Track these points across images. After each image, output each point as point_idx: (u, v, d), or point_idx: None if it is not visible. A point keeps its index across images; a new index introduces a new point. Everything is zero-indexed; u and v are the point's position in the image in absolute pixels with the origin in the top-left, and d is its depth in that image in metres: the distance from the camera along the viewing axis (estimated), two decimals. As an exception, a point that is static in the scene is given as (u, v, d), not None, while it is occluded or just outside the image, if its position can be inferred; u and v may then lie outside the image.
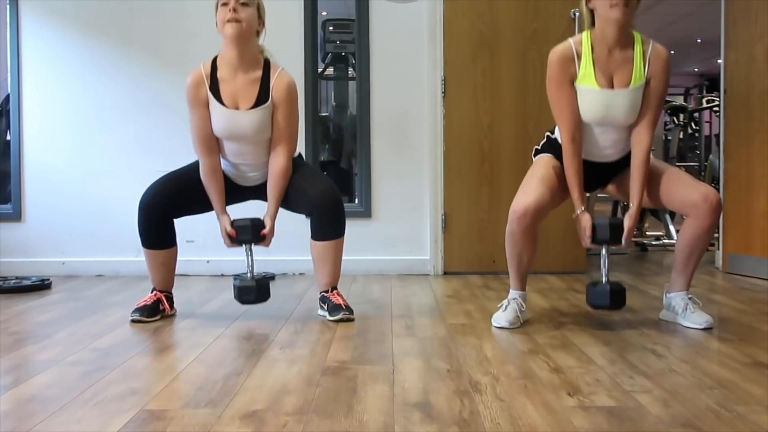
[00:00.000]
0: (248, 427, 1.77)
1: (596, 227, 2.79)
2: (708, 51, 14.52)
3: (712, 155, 6.56)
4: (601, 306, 2.83)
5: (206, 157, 3.02)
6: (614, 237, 2.79)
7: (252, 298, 3.03)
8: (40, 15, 4.47)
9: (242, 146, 3.03)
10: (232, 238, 3.03)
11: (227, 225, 3.02)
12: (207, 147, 3.01)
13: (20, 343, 2.69)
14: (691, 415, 1.84)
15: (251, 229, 3.00)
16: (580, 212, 2.82)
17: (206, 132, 3.00)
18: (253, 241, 3.02)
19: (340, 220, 3.07)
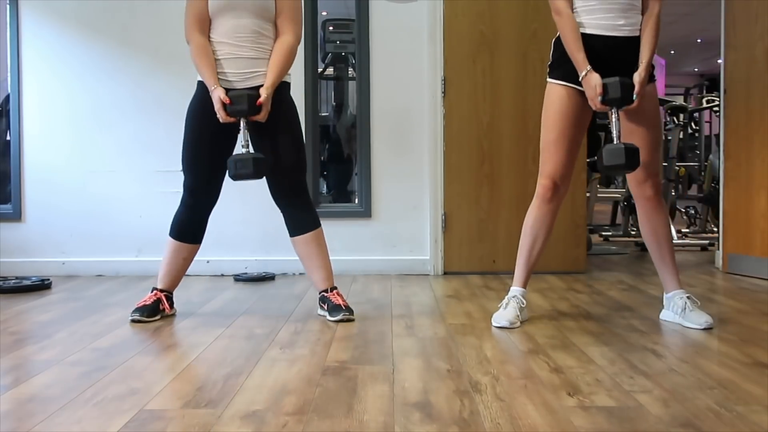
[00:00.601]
0: (248, 427, 1.77)
1: (606, 86, 2.73)
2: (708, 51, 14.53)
3: (712, 155, 6.56)
4: (617, 165, 2.76)
5: (198, 36, 2.98)
6: (625, 95, 2.73)
7: (247, 172, 2.90)
8: (40, 15, 4.47)
9: (241, 20, 2.97)
10: (226, 109, 2.91)
11: (222, 94, 2.91)
12: (200, 26, 2.98)
13: (20, 343, 2.69)
14: (691, 415, 1.84)
15: (247, 98, 2.89)
16: (587, 72, 2.76)
17: (202, 9, 2.97)
18: (249, 112, 2.91)
19: (309, 209, 3.09)
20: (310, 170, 4.33)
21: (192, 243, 3.14)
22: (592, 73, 2.75)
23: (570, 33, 2.79)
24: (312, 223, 3.10)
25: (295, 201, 3.10)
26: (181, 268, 3.15)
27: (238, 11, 2.97)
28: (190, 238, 3.13)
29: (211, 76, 2.95)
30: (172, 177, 4.00)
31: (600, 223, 7.33)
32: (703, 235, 6.30)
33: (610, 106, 2.77)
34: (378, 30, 4.46)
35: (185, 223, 3.12)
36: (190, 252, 3.15)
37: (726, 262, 4.44)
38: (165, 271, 3.14)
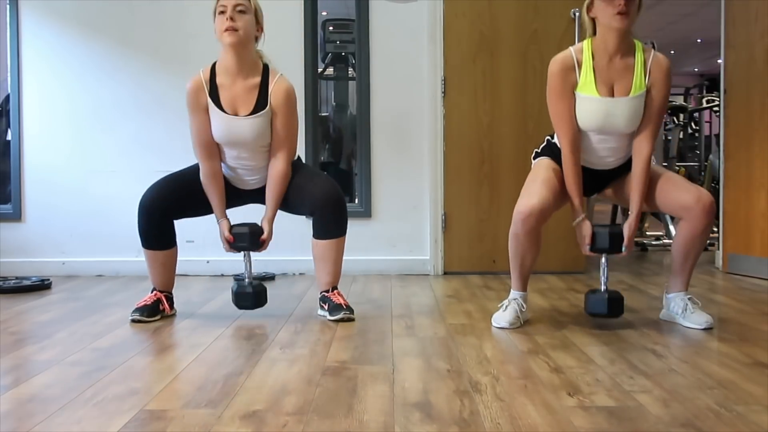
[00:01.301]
0: (248, 427, 1.77)
1: (596, 235, 2.80)
2: (708, 51, 14.52)
3: (712, 155, 6.56)
4: (599, 314, 2.84)
5: (207, 162, 3.02)
6: (614, 246, 2.80)
7: (248, 305, 3.06)
8: (40, 15, 4.47)
9: (241, 152, 3.03)
10: (230, 244, 3.03)
11: (226, 230, 3.03)
12: (207, 152, 3.01)
13: (20, 343, 2.69)
14: (691, 415, 1.84)
15: (248, 236, 3.01)
16: (580, 220, 2.83)
17: (206, 137, 3.00)
18: (251, 248, 3.04)
19: (343, 218, 3.08)
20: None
21: (163, 250, 3.11)
22: (585, 221, 2.82)
23: (572, 176, 2.82)
24: (339, 230, 3.08)
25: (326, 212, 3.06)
26: (166, 271, 3.14)
27: (240, 147, 3.03)
28: (158, 245, 3.11)
29: (219, 206, 3.06)
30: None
31: (600, 223, 7.32)
32: (703, 235, 6.28)
33: (598, 253, 2.83)
34: (378, 30, 4.46)
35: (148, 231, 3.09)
36: (167, 257, 3.13)
37: (726, 262, 4.44)
38: (152, 277, 3.14)
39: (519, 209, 2.79)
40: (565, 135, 2.80)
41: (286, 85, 3.03)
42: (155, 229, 3.07)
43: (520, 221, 2.78)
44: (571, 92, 2.79)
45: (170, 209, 3.06)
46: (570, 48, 2.84)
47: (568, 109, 2.79)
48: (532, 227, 2.78)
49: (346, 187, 5.95)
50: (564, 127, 2.81)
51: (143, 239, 3.10)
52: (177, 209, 3.08)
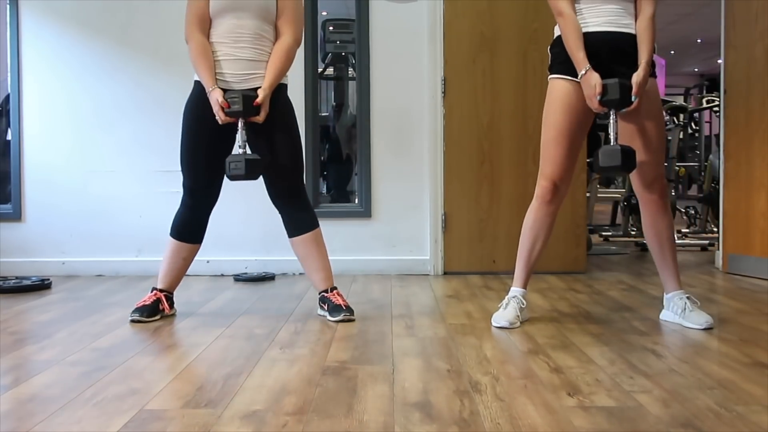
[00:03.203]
0: (248, 427, 1.77)
1: (606, 87, 2.72)
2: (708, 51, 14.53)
3: (712, 155, 6.56)
4: (612, 167, 2.75)
5: (198, 35, 2.97)
6: (624, 96, 2.72)
7: (240, 173, 2.90)
8: (40, 15, 4.47)
9: (242, 20, 2.97)
10: (224, 111, 2.92)
11: (219, 97, 2.91)
12: (200, 25, 2.97)
13: (20, 343, 2.69)
14: (691, 415, 1.84)
15: (243, 99, 2.89)
16: (586, 70, 2.75)
17: (203, 9, 2.97)
18: (246, 113, 2.92)
19: (308, 210, 3.10)
20: (310, 170, 4.34)
21: (192, 243, 3.14)
22: (592, 72, 2.74)
23: (572, 32, 2.78)
24: (310, 223, 3.10)
25: (292, 201, 3.10)
26: (181, 267, 3.15)
27: (239, 12, 2.97)
28: (190, 237, 3.13)
29: (209, 76, 2.95)
30: (172, 177, 4.00)
31: (600, 223, 7.33)
32: (703, 235, 6.30)
33: (609, 107, 2.76)
34: (378, 30, 4.46)
35: (185, 222, 3.12)
36: (191, 252, 3.15)
37: (726, 262, 4.44)
38: (165, 271, 3.14)
39: (540, 181, 2.90)
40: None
41: None
42: (196, 220, 3.09)
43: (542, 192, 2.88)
44: None
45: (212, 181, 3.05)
46: None
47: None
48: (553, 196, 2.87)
49: (346, 187, 5.95)
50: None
51: (176, 230, 3.11)
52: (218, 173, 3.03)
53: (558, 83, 2.87)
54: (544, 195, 2.89)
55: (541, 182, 2.91)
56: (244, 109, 2.89)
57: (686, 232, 6.45)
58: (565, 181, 2.90)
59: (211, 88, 2.93)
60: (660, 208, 2.92)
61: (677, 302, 2.91)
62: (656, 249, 2.96)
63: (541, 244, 2.94)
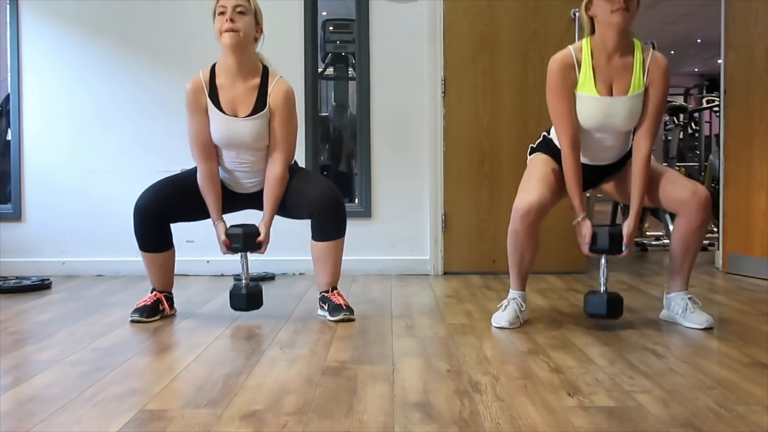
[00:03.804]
0: (248, 427, 1.77)
1: (596, 236, 2.80)
2: (708, 51, 14.52)
3: (712, 155, 6.56)
4: (599, 315, 2.83)
5: (204, 163, 3.02)
6: (614, 246, 2.80)
7: (242, 306, 3.04)
8: (40, 15, 4.47)
9: (240, 154, 3.03)
10: (226, 246, 3.03)
11: (222, 233, 3.02)
12: (205, 153, 3.01)
13: (20, 343, 2.69)
14: (691, 415, 1.84)
15: (243, 238, 3.00)
16: (580, 219, 2.83)
17: (205, 138, 3.00)
18: (247, 249, 3.04)
19: (342, 219, 3.07)
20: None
21: (160, 252, 3.11)
22: (585, 221, 2.82)
23: (572, 176, 2.81)
24: (338, 231, 3.08)
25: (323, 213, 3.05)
26: (165, 272, 3.14)
27: (236, 149, 3.03)
28: (153, 248, 3.11)
29: (215, 209, 3.05)
30: (172, 177, 4.00)
31: (600, 223, 7.32)
32: (703, 235, 6.29)
33: (598, 254, 2.83)
34: (378, 30, 4.46)
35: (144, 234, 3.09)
36: (165, 258, 3.13)
37: (726, 262, 4.44)
38: (152, 278, 3.14)
39: (517, 206, 2.79)
40: (566, 133, 2.80)
41: (286, 86, 3.03)
42: (151, 232, 3.07)
43: (519, 218, 2.78)
44: (571, 91, 2.79)
45: (165, 213, 3.06)
46: (569, 47, 2.84)
47: (568, 107, 2.79)
48: (530, 223, 2.78)
49: (346, 188, 5.95)
50: (564, 125, 2.81)
51: (139, 242, 3.10)
52: (172, 213, 3.08)
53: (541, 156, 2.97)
54: (522, 217, 2.78)
55: (516, 204, 2.80)
56: (245, 247, 3.03)
57: (686, 232, 6.43)
58: (542, 213, 2.82)
59: (216, 222, 3.04)
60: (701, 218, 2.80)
61: (679, 302, 2.91)
62: (679, 252, 2.88)
63: (530, 255, 2.89)
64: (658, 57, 2.79)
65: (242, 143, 3.00)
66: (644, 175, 2.79)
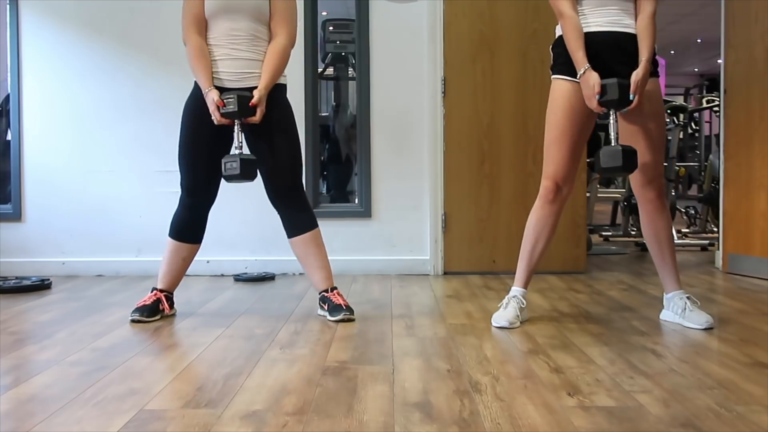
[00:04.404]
0: (248, 427, 1.77)
1: (605, 87, 2.72)
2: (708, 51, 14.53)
3: (712, 155, 6.56)
4: (614, 168, 2.74)
5: (195, 37, 2.99)
6: (623, 96, 2.71)
7: (237, 173, 2.90)
8: (40, 15, 4.47)
9: (237, 23, 2.98)
10: (220, 111, 2.92)
11: (215, 97, 2.92)
12: (197, 26, 2.99)
13: (20, 343, 2.69)
14: (691, 415, 1.84)
15: (238, 100, 2.89)
16: (585, 70, 2.75)
17: (198, 10, 2.99)
18: (242, 113, 2.92)
19: (306, 209, 3.10)
20: (310, 170, 4.34)
21: (192, 243, 3.14)
22: (591, 71, 2.73)
23: (572, 32, 2.78)
24: (309, 223, 3.10)
25: (291, 202, 3.10)
26: (180, 268, 3.15)
27: (234, 14, 2.98)
28: (189, 237, 3.13)
29: (206, 78, 2.96)
30: (172, 177, 3.98)
31: (600, 223, 7.33)
32: (703, 235, 6.31)
33: (608, 107, 2.76)
34: (378, 30, 4.46)
35: (184, 222, 3.12)
36: (190, 252, 3.15)
37: (726, 262, 4.44)
38: (165, 271, 3.14)
39: (543, 181, 2.90)
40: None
41: None
42: (195, 219, 3.10)
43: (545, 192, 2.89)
44: None
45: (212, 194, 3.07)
46: None
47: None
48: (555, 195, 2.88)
49: (346, 187, 5.95)
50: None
51: (175, 230, 3.11)
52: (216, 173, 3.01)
53: (559, 84, 2.87)
54: (547, 195, 2.90)
55: (543, 182, 2.91)
56: (240, 110, 2.89)
57: (686, 232, 6.45)
58: (568, 181, 2.90)
59: (208, 89, 2.95)
60: (657, 208, 2.92)
61: (677, 302, 2.91)
62: (655, 249, 2.96)
63: (543, 244, 2.94)
64: None
65: (240, 7, 2.97)
66: (651, 27, 2.77)
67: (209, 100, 2.94)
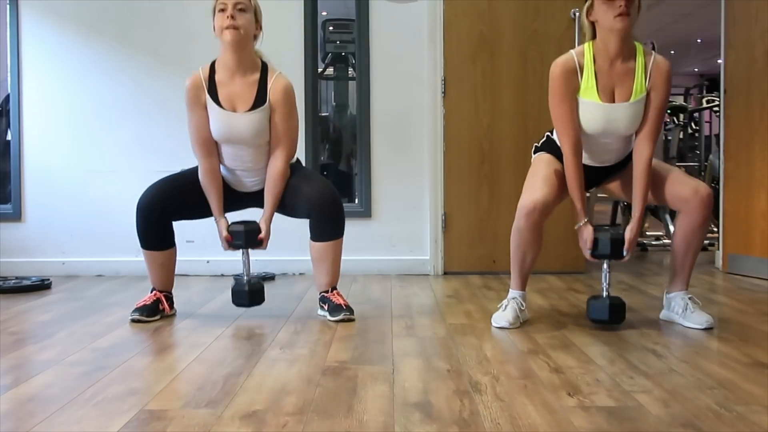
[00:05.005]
0: (248, 427, 1.77)
1: (597, 241, 2.79)
2: (708, 51, 14.52)
3: (712, 155, 6.56)
4: (601, 320, 2.82)
5: (205, 159, 3.02)
6: (615, 251, 2.79)
7: (245, 302, 3.06)
8: (40, 15, 4.47)
9: (240, 150, 3.03)
10: (228, 242, 3.04)
11: (223, 229, 3.03)
12: (206, 149, 3.02)
13: (20, 343, 2.69)
14: (691, 415, 1.84)
15: (245, 235, 3.01)
16: (582, 224, 2.82)
17: (205, 134, 3.01)
18: (249, 246, 3.04)
19: (340, 220, 3.07)
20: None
21: (162, 250, 3.11)
22: (587, 225, 2.81)
23: (574, 181, 2.80)
24: (336, 232, 3.08)
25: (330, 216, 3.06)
26: (165, 271, 3.14)
27: (236, 144, 3.03)
28: (156, 246, 3.11)
29: (217, 206, 3.06)
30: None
31: (600, 223, 7.33)
32: (703, 235, 6.29)
33: (599, 259, 2.83)
34: (378, 30, 4.46)
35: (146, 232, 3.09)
36: (167, 257, 3.13)
37: (726, 262, 4.44)
38: (152, 277, 3.14)
39: (522, 204, 2.80)
40: (568, 137, 2.80)
41: (285, 81, 3.04)
42: (153, 230, 3.07)
43: (524, 216, 2.79)
44: (573, 96, 2.79)
45: (168, 210, 3.06)
46: (571, 51, 2.83)
47: (570, 112, 2.79)
48: (535, 222, 2.79)
49: (346, 188, 5.95)
50: (566, 130, 2.80)
51: (141, 240, 3.10)
52: (175, 211, 3.08)
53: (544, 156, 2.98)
54: (527, 215, 2.79)
55: (522, 201, 2.82)
56: (247, 243, 3.03)
57: (686, 232, 6.43)
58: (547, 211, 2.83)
59: (218, 219, 3.06)
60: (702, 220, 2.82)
61: (679, 302, 2.91)
62: (681, 251, 2.89)
63: (533, 255, 2.90)
64: (660, 61, 2.78)
65: (241, 138, 3.00)
66: (646, 178, 2.78)
67: (218, 229, 3.06)
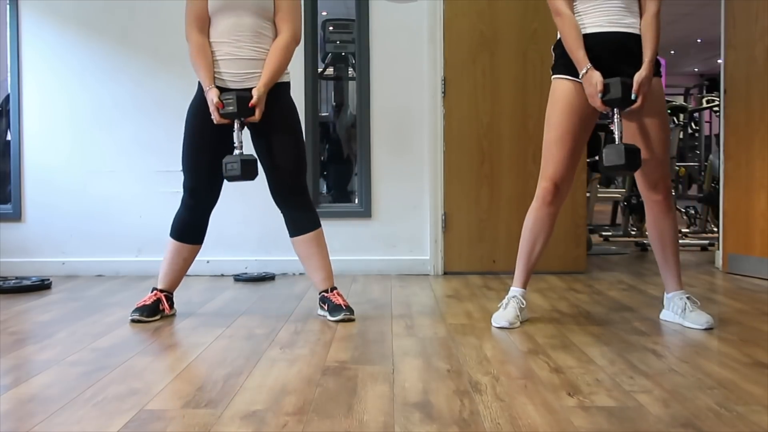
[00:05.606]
0: (248, 427, 1.77)
1: (607, 85, 2.71)
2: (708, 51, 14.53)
3: (712, 155, 6.57)
4: (617, 166, 2.72)
5: (197, 35, 2.99)
6: (626, 95, 2.69)
7: (237, 173, 2.91)
8: (40, 15, 4.47)
9: (241, 18, 2.98)
10: (219, 111, 2.92)
11: (215, 97, 2.92)
12: (199, 25, 2.99)
13: (20, 343, 2.69)
14: (691, 415, 1.84)
15: (237, 101, 2.89)
16: (587, 70, 2.74)
17: (201, 8, 2.98)
18: (241, 114, 2.92)
19: (309, 210, 3.09)
20: (310, 170, 4.33)
21: (192, 243, 3.14)
22: (593, 70, 2.73)
23: (570, 32, 2.77)
24: (312, 223, 3.10)
25: (295, 202, 3.10)
26: (181, 268, 3.15)
27: (238, 10, 2.97)
28: (190, 238, 3.13)
29: (207, 76, 2.96)
30: (172, 177, 4.01)
31: (600, 223, 7.33)
32: (703, 235, 6.31)
33: (611, 106, 2.75)
34: (378, 30, 4.46)
35: (185, 223, 3.12)
36: (191, 252, 3.15)
37: (726, 262, 4.44)
38: (165, 272, 3.14)
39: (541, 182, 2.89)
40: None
41: None
42: (197, 219, 3.10)
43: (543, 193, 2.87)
44: None
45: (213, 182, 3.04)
46: None
47: None
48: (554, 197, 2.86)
49: (346, 187, 5.95)
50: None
51: (176, 230, 3.11)
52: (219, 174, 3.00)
53: (560, 83, 2.86)
54: (545, 196, 2.88)
55: (542, 183, 2.90)
56: (239, 110, 2.90)
57: (686, 232, 6.45)
58: (567, 182, 2.89)
59: (208, 87, 2.95)
60: (664, 209, 2.91)
61: (677, 302, 2.91)
62: (659, 249, 2.96)
63: (542, 244, 2.94)
64: None
65: (244, 4, 2.96)
66: (655, 26, 2.75)
67: (209, 99, 2.94)
